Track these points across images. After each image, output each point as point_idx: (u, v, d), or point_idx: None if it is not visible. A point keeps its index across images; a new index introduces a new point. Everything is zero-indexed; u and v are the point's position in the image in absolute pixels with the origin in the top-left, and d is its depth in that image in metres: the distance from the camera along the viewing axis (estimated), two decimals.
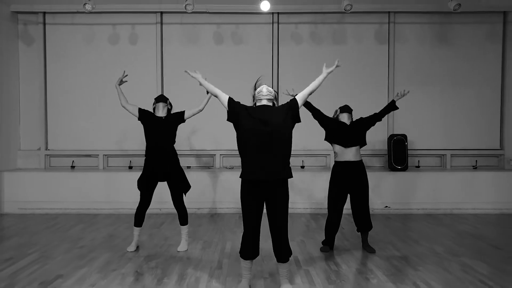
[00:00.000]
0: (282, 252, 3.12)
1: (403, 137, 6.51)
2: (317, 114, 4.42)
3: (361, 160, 4.36)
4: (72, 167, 6.70)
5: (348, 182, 4.26)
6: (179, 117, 4.41)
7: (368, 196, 4.36)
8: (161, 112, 4.36)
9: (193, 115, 4.44)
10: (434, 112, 6.84)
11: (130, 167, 6.64)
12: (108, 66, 6.67)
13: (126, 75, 4.48)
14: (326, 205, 4.48)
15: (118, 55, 6.69)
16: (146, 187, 4.24)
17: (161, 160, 4.25)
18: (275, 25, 6.73)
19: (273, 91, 3.32)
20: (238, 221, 5.68)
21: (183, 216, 4.32)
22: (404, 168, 6.43)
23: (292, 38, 6.75)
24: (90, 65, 6.71)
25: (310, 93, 3.44)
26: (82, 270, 3.67)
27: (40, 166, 6.71)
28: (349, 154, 4.27)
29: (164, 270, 3.69)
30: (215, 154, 6.79)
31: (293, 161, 6.58)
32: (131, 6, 6.54)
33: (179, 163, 4.39)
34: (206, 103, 4.44)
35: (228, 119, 3.23)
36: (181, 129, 6.67)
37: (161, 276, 3.54)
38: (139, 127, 4.63)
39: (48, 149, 6.75)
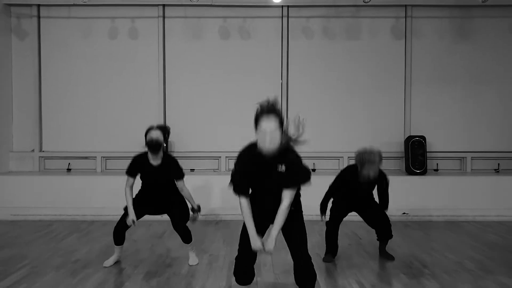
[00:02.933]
0: (306, 279, 2.68)
1: (422, 139, 6.09)
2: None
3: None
4: (68, 169, 6.31)
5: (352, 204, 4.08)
6: (175, 173, 3.83)
7: (381, 209, 4.05)
8: (154, 160, 3.78)
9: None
10: (453, 112, 6.44)
11: None
12: (107, 62, 6.29)
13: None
14: None
15: (117, 51, 6.30)
16: (135, 213, 3.80)
17: (158, 195, 3.84)
18: (285, 19, 6.32)
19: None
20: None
21: (184, 236, 3.88)
22: (423, 172, 6.02)
23: (303, 33, 6.34)
24: (87, 61, 6.32)
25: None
26: None
27: (34, 168, 6.32)
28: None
29: None
30: (220, 157, 6.39)
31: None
32: None
33: (178, 194, 3.90)
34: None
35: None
36: (184, 130, 6.33)
37: None
38: (141, 127, 4.22)
39: (43, 151, 6.37)
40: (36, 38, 6.29)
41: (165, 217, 4.51)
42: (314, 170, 6.32)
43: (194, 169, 6.30)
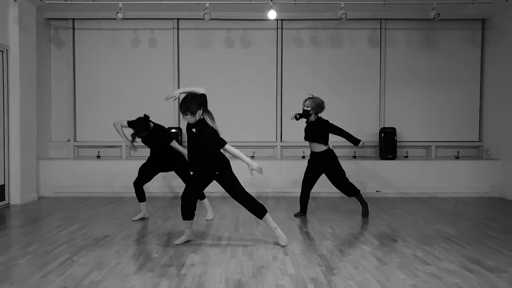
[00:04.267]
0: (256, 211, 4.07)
1: (393, 130, 7.34)
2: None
3: (325, 150, 5.18)
4: (98, 156, 7.52)
5: (316, 167, 5.30)
6: (163, 139, 5.09)
7: (338, 174, 5.20)
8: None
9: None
10: (421, 108, 7.67)
11: None
12: (130, 67, 7.52)
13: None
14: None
15: (138, 58, 7.53)
16: (145, 172, 5.14)
17: (163, 154, 5.12)
18: (279, 30, 7.57)
19: None
20: None
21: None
22: (393, 158, 7.26)
23: (295, 42, 7.60)
24: (113, 65, 7.55)
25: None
26: (124, 232, 4.49)
27: (69, 156, 7.53)
28: (312, 147, 5.25)
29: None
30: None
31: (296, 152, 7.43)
32: (151, 13, 7.37)
33: (180, 154, 5.15)
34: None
35: None
36: None
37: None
38: (159, 120, 5.49)
39: (77, 141, 7.58)
40: (71, 47, 7.52)
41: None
42: (303, 157, 7.55)
43: None
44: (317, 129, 5.14)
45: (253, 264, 3.45)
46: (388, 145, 7.30)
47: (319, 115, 5.25)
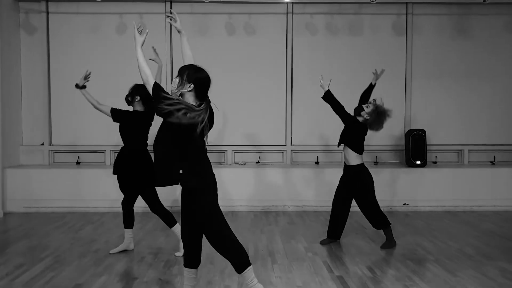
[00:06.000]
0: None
1: (422, 132, 6.32)
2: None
3: (356, 164, 4.24)
4: (78, 163, 6.43)
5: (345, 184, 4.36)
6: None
7: (366, 198, 4.27)
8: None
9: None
10: (451, 106, 6.65)
11: None
12: (116, 56, 6.40)
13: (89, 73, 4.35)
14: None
15: (125, 46, 6.38)
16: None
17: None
18: (289, 15, 6.47)
19: None
20: (254, 220, 5.50)
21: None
22: (423, 164, 6.25)
23: (307, 29, 6.50)
24: (96, 55, 6.41)
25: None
26: (102, 278, 3.44)
27: (43, 162, 6.43)
28: (344, 155, 4.36)
29: None
30: (226, 150, 6.56)
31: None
32: None
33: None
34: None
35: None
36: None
37: None
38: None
39: (52, 144, 6.48)
40: (45, 33, 6.37)
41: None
42: (317, 163, 6.52)
43: None
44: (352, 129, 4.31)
45: None
46: (417, 149, 6.27)
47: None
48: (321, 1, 6.40)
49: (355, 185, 4.27)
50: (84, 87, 4.20)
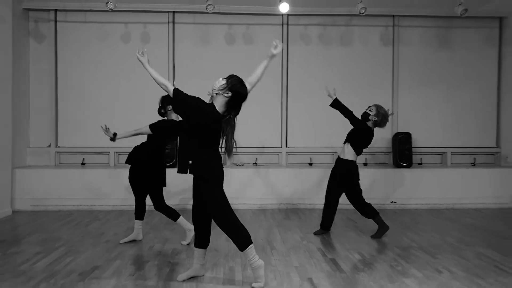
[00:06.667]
0: None
1: (408, 135, 6.76)
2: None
3: (349, 160, 4.65)
4: (83, 164, 6.73)
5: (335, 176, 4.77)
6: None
7: (352, 192, 4.69)
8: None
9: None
10: (435, 111, 7.11)
11: None
12: (120, 64, 6.76)
13: None
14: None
15: (130, 54, 6.73)
16: None
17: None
18: (285, 26, 6.91)
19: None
20: (252, 216, 5.83)
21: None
22: (409, 165, 6.68)
23: (302, 39, 6.94)
24: (101, 63, 6.77)
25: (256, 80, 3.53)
26: (116, 262, 3.77)
27: (50, 163, 6.73)
28: (343, 149, 4.76)
29: None
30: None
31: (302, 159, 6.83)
32: (143, 5, 6.63)
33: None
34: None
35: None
36: None
37: None
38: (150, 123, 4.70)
39: (58, 146, 6.78)
40: (53, 41, 6.71)
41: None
42: (311, 164, 6.91)
43: None
44: (357, 133, 4.70)
45: None
46: (403, 151, 6.71)
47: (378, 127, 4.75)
48: (314, 13, 6.85)
49: (344, 178, 4.65)
50: (115, 134, 4.45)
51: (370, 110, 4.68)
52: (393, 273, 3.52)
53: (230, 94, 3.12)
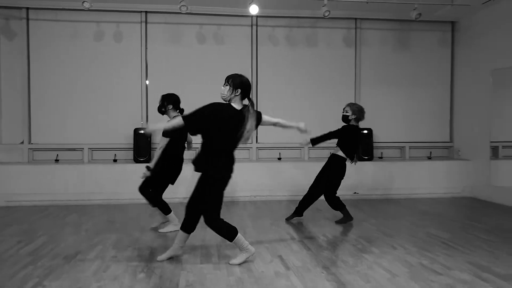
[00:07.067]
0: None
1: (369, 131, 7.25)
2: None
3: (340, 156, 5.06)
4: (56, 160, 6.82)
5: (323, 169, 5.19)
6: None
7: (332, 184, 5.08)
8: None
9: None
10: (395, 109, 7.65)
11: (115, 160, 6.88)
12: (93, 62, 6.90)
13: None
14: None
15: (103, 52, 6.93)
16: None
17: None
18: (254, 27, 7.25)
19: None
20: (224, 208, 6.11)
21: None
22: (370, 159, 7.17)
23: (270, 40, 7.31)
24: (74, 60, 6.89)
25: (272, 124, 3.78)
26: (98, 247, 3.98)
27: (23, 160, 6.78)
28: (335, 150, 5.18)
29: None
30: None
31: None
32: (116, 5, 6.79)
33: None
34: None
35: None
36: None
37: None
38: (124, 120, 4.88)
39: (32, 143, 6.84)
40: (25, 39, 6.76)
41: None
42: (279, 159, 7.29)
43: None
44: (342, 136, 5.04)
45: (256, 281, 3.11)
46: (365, 146, 7.19)
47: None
48: (281, 15, 7.23)
49: (329, 168, 5.05)
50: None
51: (346, 112, 5.04)
52: (354, 250, 3.93)
53: (239, 90, 3.39)
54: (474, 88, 7.29)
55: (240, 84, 3.42)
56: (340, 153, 5.05)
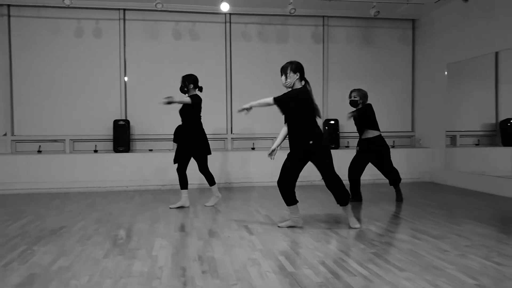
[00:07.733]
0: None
1: (336, 122, 7.77)
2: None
3: (378, 136, 5.75)
4: (39, 151, 7.12)
5: (367, 154, 5.91)
6: None
7: (386, 160, 5.83)
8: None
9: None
10: None
11: (96, 151, 7.21)
12: (74, 57, 7.22)
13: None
14: None
15: (83, 48, 7.26)
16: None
17: None
18: (228, 24, 7.69)
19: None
20: (200, 194, 6.55)
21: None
22: (336, 147, 7.69)
23: (243, 36, 7.76)
24: (56, 56, 7.19)
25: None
26: (81, 222, 4.36)
27: (6, 151, 7.05)
28: (365, 134, 5.83)
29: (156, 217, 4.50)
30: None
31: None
32: (95, 2, 7.13)
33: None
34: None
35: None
36: (143, 117, 7.34)
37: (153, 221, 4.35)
38: (103, 113, 5.23)
39: (15, 135, 7.11)
40: (7, 35, 7.04)
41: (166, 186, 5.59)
42: (253, 148, 7.74)
43: (152, 150, 7.42)
44: (365, 115, 5.54)
45: (222, 243, 3.55)
46: (331, 135, 7.71)
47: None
48: (253, 13, 7.68)
49: (378, 151, 5.66)
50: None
51: (354, 97, 5.59)
52: (311, 220, 4.41)
53: (298, 73, 3.92)
54: (432, 81, 7.90)
55: (297, 68, 3.94)
56: (371, 133, 5.62)
